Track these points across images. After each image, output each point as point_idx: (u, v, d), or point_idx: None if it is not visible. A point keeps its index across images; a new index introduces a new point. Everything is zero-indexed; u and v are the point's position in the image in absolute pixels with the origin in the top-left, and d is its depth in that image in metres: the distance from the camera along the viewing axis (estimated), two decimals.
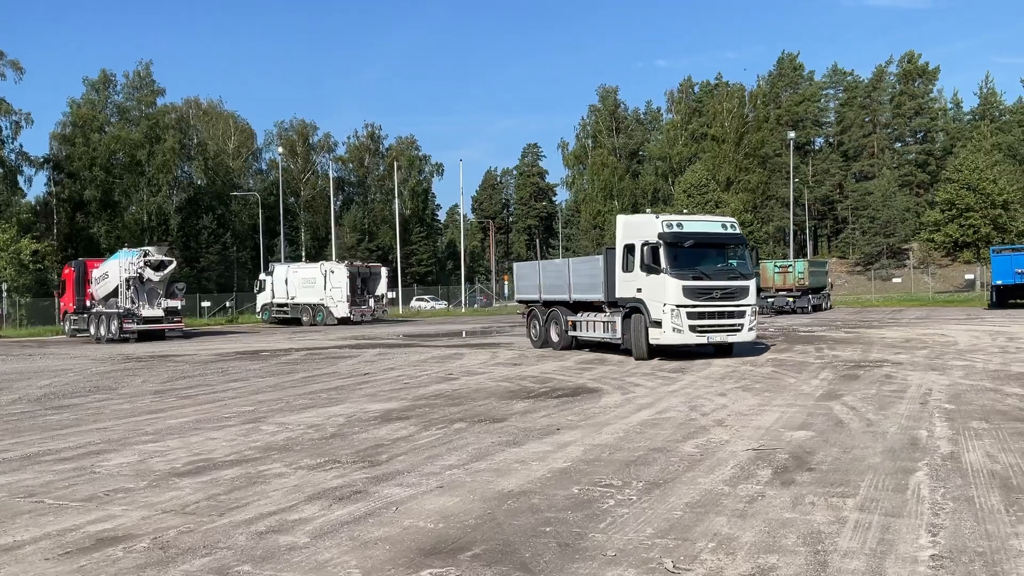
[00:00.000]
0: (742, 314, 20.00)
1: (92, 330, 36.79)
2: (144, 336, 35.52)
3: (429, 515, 6.94)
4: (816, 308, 51.52)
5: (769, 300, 49.80)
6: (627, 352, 21.30)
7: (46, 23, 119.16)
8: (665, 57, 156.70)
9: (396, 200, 76.03)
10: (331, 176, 78.16)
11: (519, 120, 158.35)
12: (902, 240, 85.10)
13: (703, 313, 19.57)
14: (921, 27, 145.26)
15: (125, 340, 34.80)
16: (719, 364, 19.16)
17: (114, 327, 35.26)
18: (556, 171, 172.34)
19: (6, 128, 65.68)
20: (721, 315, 19.78)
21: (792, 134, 75.54)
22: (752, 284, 20.36)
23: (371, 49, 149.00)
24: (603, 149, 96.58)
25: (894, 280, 73.05)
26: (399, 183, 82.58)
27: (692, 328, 19.47)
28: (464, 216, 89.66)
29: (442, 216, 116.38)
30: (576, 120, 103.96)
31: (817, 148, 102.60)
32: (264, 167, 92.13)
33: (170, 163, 73.22)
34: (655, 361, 20.03)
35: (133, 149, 70.48)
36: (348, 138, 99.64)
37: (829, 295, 56.61)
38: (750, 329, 20.20)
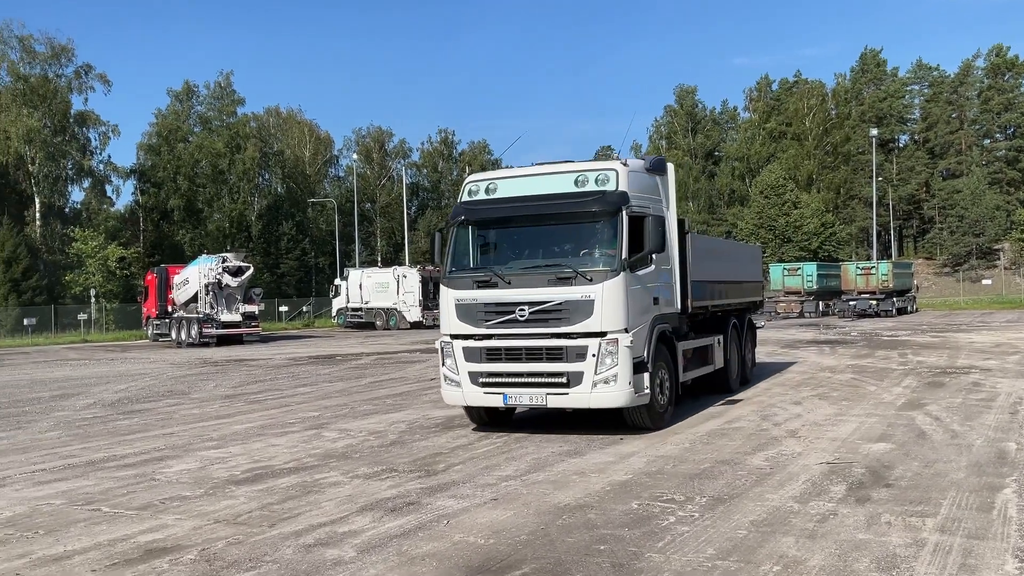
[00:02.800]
0: (579, 353, 10.36)
1: (173, 335, 37.74)
2: (223, 340, 36.26)
3: (480, 530, 6.72)
4: (901, 311, 49.79)
5: (851, 303, 48.32)
6: None
7: (132, 36, 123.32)
8: (743, 55, 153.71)
9: None
10: (404, 181, 78.88)
11: (593, 123, 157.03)
12: (992, 240, 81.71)
13: (492, 350, 10.86)
14: (1009, 20, 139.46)
15: (205, 344, 35.60)
16: (795, 371, 18.51)
17: (194, 332, 36.12)
18: None
19: (95, 139, 68.00)
20: (530, 354, 10.65)
21: (875, 131, 73.29)
22: (605, 291, 10.26)
23: (445, 55, 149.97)
24: (678, 150, 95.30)
25: (984, 282, 70.13)
26: None
27: (474, 378, 10.96)
28: None
29: None
30: (650, 121, 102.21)
31: (902, 145, 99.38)
32: (341, 173, 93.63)
33: (250, 171, 74.83)
34: None
35: (215, 158, 72.23)
36: (422, 144, 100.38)
37: (914, 297, 54.70)
38: (605, 381, 10.30)
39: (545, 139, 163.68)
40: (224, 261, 36.39)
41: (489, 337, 10.90)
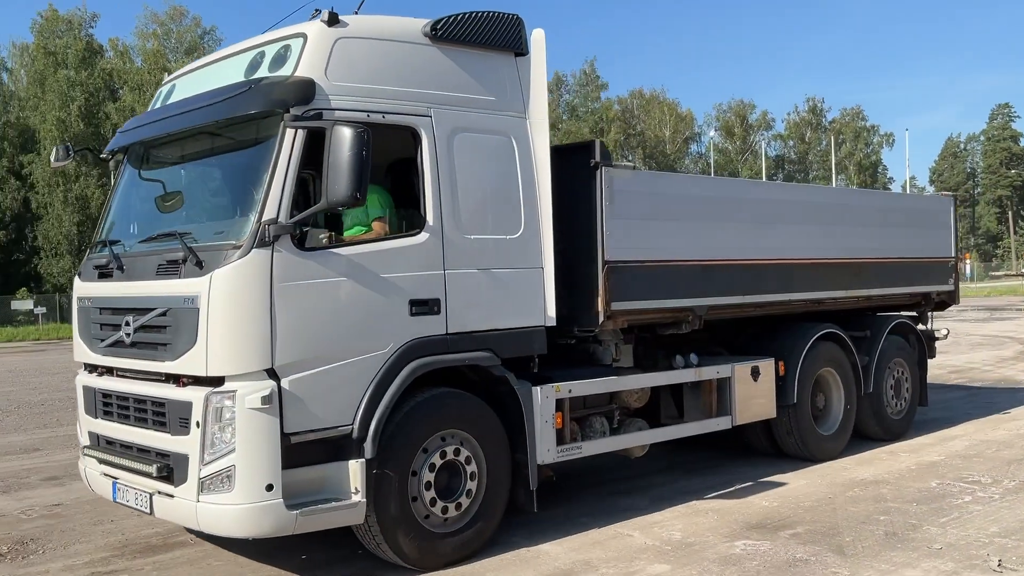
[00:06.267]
0: (183, 417, 5.16)
1: None
2: None
3: (770, 494, 7.21)
4: None
5: None
6: None
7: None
8: None
9: (834, 176, 72.99)
10: (763, 154, 77.32)
11: (1003, 75, 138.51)
12: None
13: (106, 396, 5.99)
14: None
15: None
16: None
17: None
18: None
19: None
20: (138, 410, 5.63)
21: None
22: (214, 290, 5.00)
23: (820, 16, 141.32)
24: None
25: None
26: (843, 157, 78.73)
27: (89, 444, 6.21)
28: (922, 190, 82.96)
29: (895, 190, 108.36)
30: None
31: None
32: (703, 150, 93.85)
33: (615, 154, 77.89)
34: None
35: None
36: (788, 114, 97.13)
37: None
38: (220, 479, 4.97)
39: (930, 100, 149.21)
40: None
41: (109, 371, 6.06)
